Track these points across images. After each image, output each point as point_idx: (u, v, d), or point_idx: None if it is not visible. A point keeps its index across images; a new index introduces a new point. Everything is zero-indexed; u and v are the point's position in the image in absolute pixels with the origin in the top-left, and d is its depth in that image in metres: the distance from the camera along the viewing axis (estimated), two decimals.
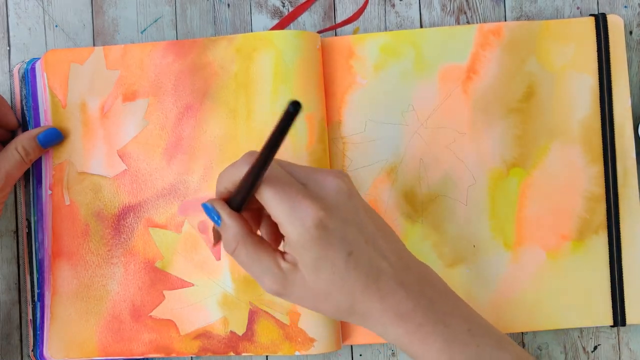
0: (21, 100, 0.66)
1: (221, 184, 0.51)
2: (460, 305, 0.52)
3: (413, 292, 0.50)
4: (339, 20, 0.68)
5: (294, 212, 0.48)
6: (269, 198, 0.48)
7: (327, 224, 0.48)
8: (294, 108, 0.42)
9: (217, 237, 0.55)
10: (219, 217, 0.51)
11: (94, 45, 0.68)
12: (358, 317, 0.51)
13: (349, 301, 0.49)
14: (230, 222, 0.50)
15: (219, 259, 0.64)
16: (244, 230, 0.50)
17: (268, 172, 0.48)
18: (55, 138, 0.64)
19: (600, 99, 0.65)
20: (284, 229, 0.48)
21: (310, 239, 0.48)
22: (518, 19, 0.68)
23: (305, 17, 0.68)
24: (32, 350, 0.65)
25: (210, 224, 0.63)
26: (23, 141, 0.63)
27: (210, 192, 0.64)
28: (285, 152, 0.62)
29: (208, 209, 0.51)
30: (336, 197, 0.50)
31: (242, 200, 0.50)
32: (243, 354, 0.63)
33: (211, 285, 0.64)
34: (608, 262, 0.65)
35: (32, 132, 0.63)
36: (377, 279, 0.49)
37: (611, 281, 0.65)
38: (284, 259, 0.50)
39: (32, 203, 0.66)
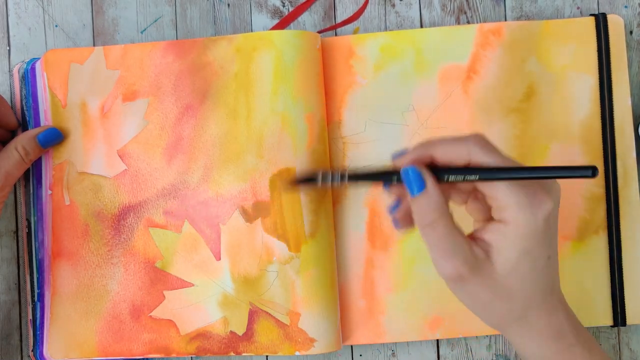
0: (21, 100, 0.66)
1: (429, 150, 0.49)
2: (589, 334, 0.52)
3: (570, 313, 0.51)
4: (339, 20, 0.68)
5: (531, 199, 0.46)
6: (507, 188, 0.46)
7: (551, 220, 0.47)
8: (592, 173, 0.43)
9: (403, 214, 0.53)
10: (422, 184, 0.48)
11: (94, 45, 0.68)
12: (518, 328, 0.50)
13: (526, 306, 0.49)
14: (434, 192, 0.48)
15: (219, 259, 0.64)
16: (446, 203, 0.48)
17: (495, 149, 0.48)
18: (55, 138, 0.64)
19: (601, 99, 0.65)
20: (510, 214, 0.46)
21: (534, 230, 0.46)
22: (518, 18, 0.68)
23: (305, 17, 0.68)
24: (32, 351, 0.65)
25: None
26: (23, 141, 0.63)
27: (210, 192, 0.64)
28: (285, 152, 0.62)
29: (413, 173, 0.48)
30: (557, 197, 0.49)
31: (458, 171, 0.48)
32: (243, 354, 0.63)
33: (211, 285, 0.64)
34: (608, 262, 0.65)
35: (32, 132, 0.63)
36: (552, 292, 0.50)
37: (611, 281, 0.65)
38: (477, 244, 0.48)
39: (32, 203, 0.66)
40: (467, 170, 0.47)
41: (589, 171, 0.43)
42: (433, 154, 0.49)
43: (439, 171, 0.48)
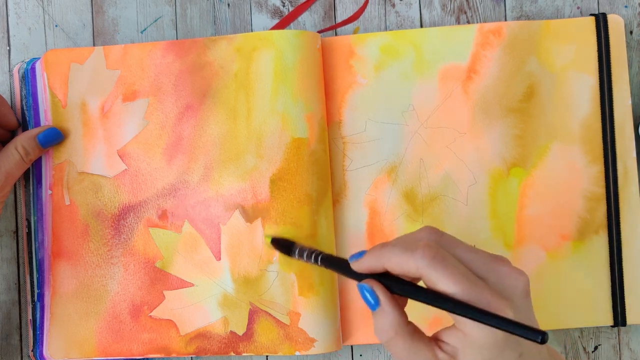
0: (21, 100, 0.66)
1: (381, 261, 0.47)
2: None
3: None
4: (339, 20, 0.68)
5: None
6: (452, 293, 0.44)
7: (507, 336, 0.45)
8: (541, 338, 0.41)
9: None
10: (377, 302, 0.47)
11: (94, 45, 0.68)
12: None
13: None
14: (389, 310, 0.47)
15: (219, 259, 0.64)
16: (402, 318, 0.47)
17: (444, 262, 0.45)
18: (55, 138, 0.64)
19: (601, 99, 0.65)
20: (467, 327, 0.45)
21: (494, 340, 0.44)
22: (518, 18, 0.68)
23: (305, 17, 0.68)
24: (32, 350, 0.65)
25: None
26: (23, 141, 0.63)
27: (210, 192, 0.64)
28: (286, 152, 0.62)
29: (367, 290, 0.48)
30: (520, 297, 0.46)
31: (406, 291, 0.47)
32: (243, 354, 0.63)
33: (211, 285, 0.64)
34: (608, 262, 0.65)
35: (32, 132, 0.63)
36: None
37: (611, 281, 0.65)
38: (441, 349, 0.47)
39: (32, 203, 0.66)
40: (417, 291, 0.46)
41: (537, 336, 0.41)
42: (385, 265, 0.47)
43: (393, 283, 0.48)
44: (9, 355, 0.67)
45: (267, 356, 0.66)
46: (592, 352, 0.66)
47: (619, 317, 0.64)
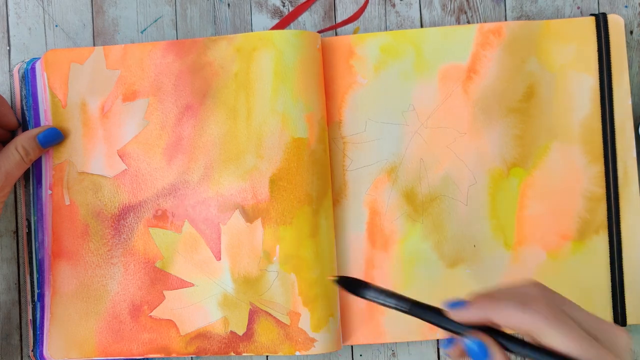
0: (21, 100, 0.66)
1: (491, 313, 0.46)
2: None
3: None
4: (339, 20, 0.68)
5: None
6: (570, 352, 0.43)
7: None
8: None
9: (458, 354, 0.49)
10: (486, 356, 0.46)
11: (94, 45, 0.68)
12: None
13: None
14: None
15: (219, 259, 0.64)
16: None
17: (562, 319, 0.45)
18: (55, 138, 0.64)
19: (601, 99, 0.65)
20: None
21: None
22: (518, 18, 0.68)
23: (305, 17, 0.68)
24: (32, 350, 0.65)
25: None
26: (23, 141, 0.63)
27: (210, 192, 0.64)
28: (285, 152, 0.62)
29: (479, 347, 0.46)
30: (627, 355, 0.46)
31: (518, 347, 0.46)
32: (243, 354, 0.63)
33: (211, 285, 0.64)
34: (608, 262, 0.65)
35: (32, 132, 0.63)
36: None
37: (611, 281, 0.65)
38: None
39: (32, 203, 0.66)
40: (528, 347, 0.45)
41: None
42: (495, 318, 0.46)
43: (506, 341, 0.47)
44: (9, 355, 0.67)
45: (267, 356, 0.66)
46: None
47: (619, 317, 0.64)
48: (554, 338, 0.44)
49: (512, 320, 0.45)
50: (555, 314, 0.45)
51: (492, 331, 0.47)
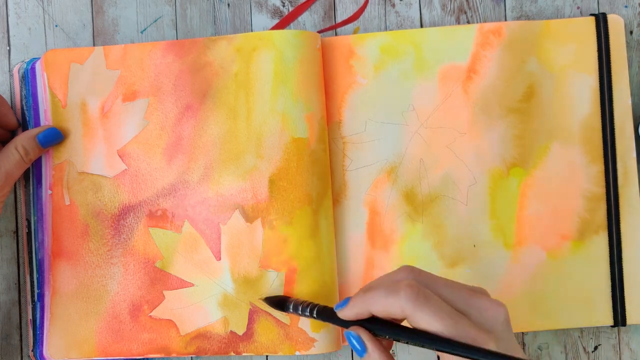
0: (21, 100, 0.66)
1: (366, 306, 0.49)
2: None
3: None
4: (339, 20, 0.68)
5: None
6: (437, 331, 0.45)
7: None
8: None
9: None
10: (364, 348, 0.49)
11: (94, 45, 0.68)
12: None
13: None
14: (376, 355, 0.48)
15: (219, 259, 0.64)
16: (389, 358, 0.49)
17: (427, 301, 0.46)
18: (55, 138, 0.64)
19: (601, 99, 0.65)
20: None
21: None
22: (518, 18, 0.68)
23: (305, 17, 0.68)
24: (32, 350, 0.65)
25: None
26: (23, 141, 0.63)
27: (210, 192, 0.64)
28: (285, 152, 0.62)
29: (353, 337, 0.49)
30: (502, 328, 0.47)
31: (393, 333, 0.48)
32: (243, 354, 0.63)
33: (211, 285, 0.64)
34: (608, 262, 0.65)
35: (32, 132, 0.63)
36: None
37: (611, 281, 0.65)
38: None
39: (32, 203, 0.66)
40: (403, 332, 0.47)
41: None
42: (371, 310, 0.49)
43: (380, 327, 0.49)
44: (9, 355, 0.67)
45: (267, 356, 0.66)
46: (592, 352, 0.66)
47: (619, 317, 0.64)
48: (420, 319, 0.46)
49: (382, 308, 0.47)
50: (422, 295, 0.46)
51: (377, 322, 0.49)
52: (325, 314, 0.54)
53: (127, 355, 0.64)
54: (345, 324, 0.51)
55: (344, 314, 0.50)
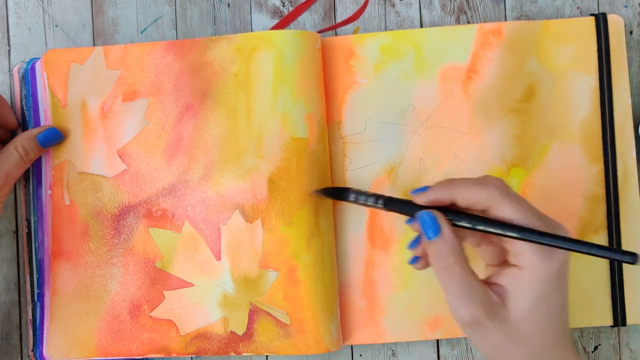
0: (21, 100, 0.66)
1: (451, 192, 0.50)
2: None
3: (579, 357, 0.51)
4: (339, 20, 0.68)
5: (549, 254, 0.47)
6: (522, 222, 0.47)
7: (565, 268, 0.48)
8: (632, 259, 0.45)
9: (421, 252, 0.54)
10: (438, 229, 0.49)
11: (94, 45, 0.68)
12: None
13: (541, 351, 0.49)
14: (450, 237, 0.49)
15: (219, 259, 0.64)
16: (461, 247, 0.50)
17: (514, 194, 0.49)
18: (55, 138, 0.64)
19: (601, 99, 0.65)
20: (526, 260, 0.48)
21: (549, 277, 0.47)
22: (518, 18, 0.68)
23: (305, 17, 0.68)
24: (32, 350, 0.65)
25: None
26: (22, 141, 0.63)
27: (210, 192, 0.64)
28: (285, 152, 0.62)
29: (429, 217, 0.50)
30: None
31: (474, 220, 0.49)
32: (243, 354, 0.63)
33: (211, 285, 0.64)
34: (608, 262, 0.65)
35: (32, 132, 0.63)
36: (564, 336, 0.50)
37: (611, 281, 0.65)
38: (491, 289, 0.49)
39: (31, 203, 0.66)
40: (483, 221, 0.49)
41: (630, 257, 0.45)
42: (453, 197, 0.50)
43: (456, 216, 0.50)
44: (9, 355, 0.67)
45: (267, 356, 0.66)
46: (592, 352, 0.66)
47: (619, 317, 0.64)
48: (506, 208, 0.48)
49: (469, 194, 0.49)
50: (508, 188, 0.49)
51: (453, 213, 0.50)
52: (392, 203, 0.55)
53: (127, 355, 0.64)
54: (415, 210, 0.52)
55: (424, 197, 0.51)
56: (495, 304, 0.48)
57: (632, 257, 0.45)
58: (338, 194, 0.61)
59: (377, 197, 0.56)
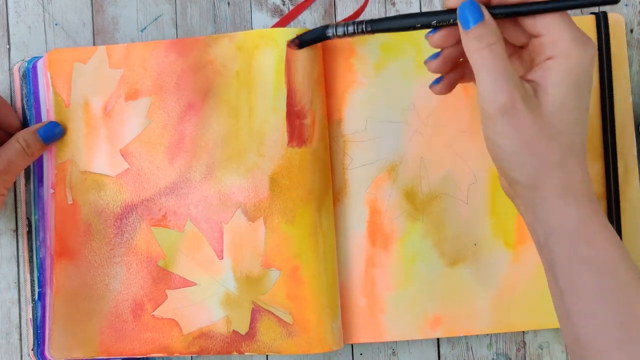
0: (22, 99, 0.66)
1: None
2: None
3: (589, 180, 0.51)
4: (339, 18, 0.68)
5: (582, 35, 0.48)
6: (556, 17, 0.48)
7: (593, 65, 0.49)
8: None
9: (443, 61, 0.54)
10: (480, 15, 0.49)
11: (94, 43, 0.68)
12: (555, 177, 0.49)
13: (568, 149, 0.49)
14: (492, 21, 0.49)
15: (221, 258, 0.64)
16: (500, 32, 0.49)
17: None
18: (56, 131, 0.64)
19: (601, 98, 0.65)
20: (562, 46, 0.48)
21: (584, 65, 0.48)
22: None
23: (305, 16, 0.68)
24: (32, 350, 0.65)
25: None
26: (23, 134, 0.63)
27: (212, 190, 0.64)
28: (287, 150, 0.62)
29: (471, 4, 0.49)
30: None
31: (507, 8, 0.50)
32: (246, 354, 0.63)
33: (214, 284, 0.64)
34: None
35: (33, 127, 0.64)
36: (584, 146, 0.50)
37: None
38: (525, 80, 0.49)
39: (33, 202, 0.66)
40: (518, 6, 0.49)
41: None
42: None
43: (490, 7, 0.50)
44: (8, 354, 0.67)
45: (267, 356, 0.66)
46: None
47: None
48: None
49: None
50: None
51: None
52: (381, 22, 0.55)
53: (129, 354, 0.64)
54: (439, 15, 0.52)
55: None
56: (529, 92, 0.48)
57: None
58: (318, 35, 0.60)
59: (359, 22, 0.56)
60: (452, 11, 0.51)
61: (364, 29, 0.56)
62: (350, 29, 0.57)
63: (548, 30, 0.48)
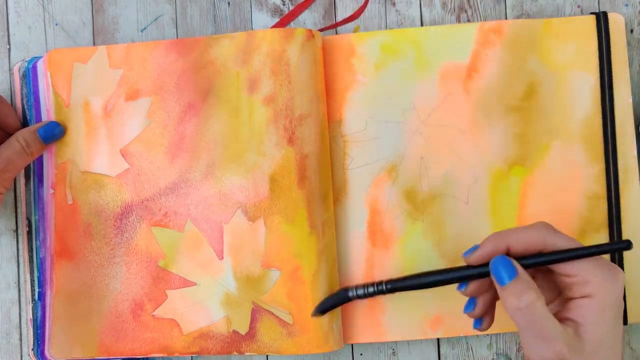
0: (22, 99, 0.66)
1: (505, 241, 0.52)
2: None
3: None
4: (339, 18, 0.68)
5: (611, 269, 0.50)
6: (587, 263, 0.50)
7: (623, 290, 0.51)
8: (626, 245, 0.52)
9: (482, 309, 0.56)
10: (514, 270, 0.51)
11: (94, 43, 0.68)
12: None
13: None
14: (526, 276, 0.50)
15: (221, 258, 0.64)
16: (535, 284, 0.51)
17: (562, 235, 0.52)
18: (56, 131, 0.64)
19: (601, 98, 0.65)
20: (595, 286, 0.49)
21: (619, 298, 0.50)
22: (519, 17, 0.68)
23: (305, 16, 0.68)
24: (33, 350, 0.65)
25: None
26: (23, 133, 0.63)
27: (212, 190, 0.64)
28: (287, 150, 0.62)
29: (505, 263, 0.51)
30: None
31: (536, 258, 0.52)
32: (246, 354, 0.63)
33: (214, 284, 0.64)
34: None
35: (32, 127, 0.63)
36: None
37: None
38: (564, 324, 0.50)
39: (33, 202, 0.66)
40: (541, 256, 0.52)
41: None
42: (508, 244, 0.52)
43: (520, 258, 0.52)
44: (8, 354, 0.67)
45: (267, 356, 0.66)
46: None
47: None
48: (558, 240, 0.51)
49: (523, 238, 0.52)
50: (553, 227, 0.53)
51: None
52: (401, 282, 0.56)
53: (129, 354, 0.64)
54: (465, 273, 0.54)
55: (479, 253, 0.53)
56: (573, 337, 0.49)
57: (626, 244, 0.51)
58: (340, 299, 0.60)
59: (378, 284, 0.58)
60: (472, 267, 0.54)
61: (385, 289, 0.57)
62: (371, 289, 0.58)
63: (578, 271, 0.50)
